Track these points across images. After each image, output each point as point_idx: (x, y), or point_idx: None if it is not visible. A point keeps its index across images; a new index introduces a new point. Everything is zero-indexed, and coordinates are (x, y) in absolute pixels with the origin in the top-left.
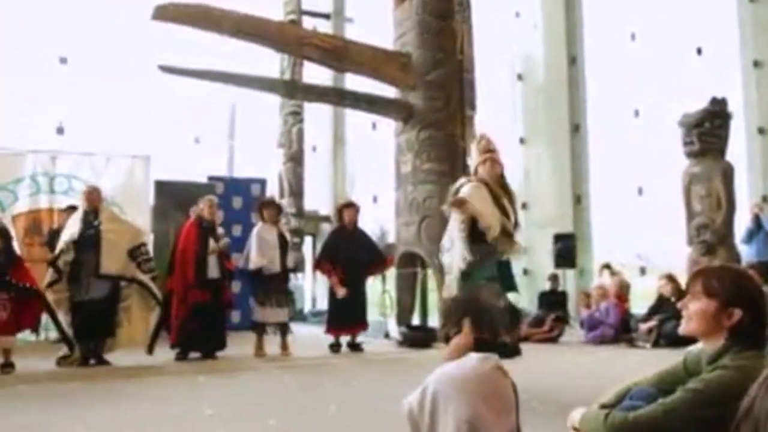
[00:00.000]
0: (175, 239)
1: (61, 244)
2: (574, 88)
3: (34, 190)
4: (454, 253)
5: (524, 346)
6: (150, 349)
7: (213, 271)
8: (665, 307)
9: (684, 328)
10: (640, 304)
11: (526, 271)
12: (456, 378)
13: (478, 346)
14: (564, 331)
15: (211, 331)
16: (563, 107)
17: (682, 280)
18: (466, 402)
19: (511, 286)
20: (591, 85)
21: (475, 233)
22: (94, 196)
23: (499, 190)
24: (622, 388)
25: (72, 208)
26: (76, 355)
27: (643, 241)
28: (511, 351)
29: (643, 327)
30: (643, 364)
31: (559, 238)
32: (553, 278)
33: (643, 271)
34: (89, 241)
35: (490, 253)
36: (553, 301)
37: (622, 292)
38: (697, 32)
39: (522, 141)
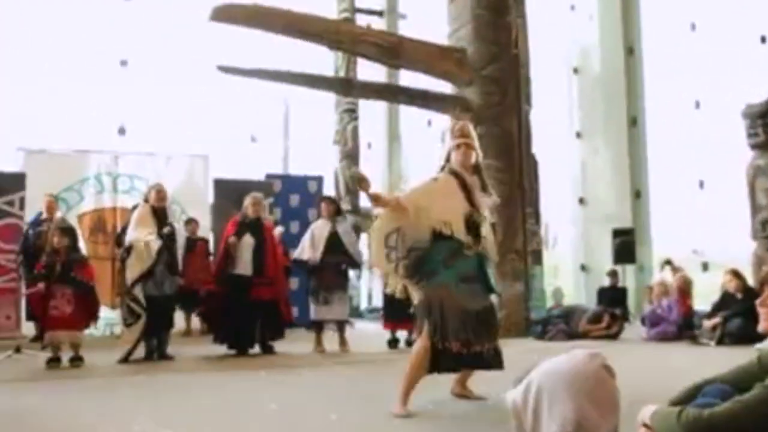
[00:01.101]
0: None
1: (144, 237)
2: (631, 80)
3: (99, 190)
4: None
5: (583, 343)
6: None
7: (245, 267)
8: (730, 304)
9: (766, 327)
10: (702, 300)
11: (583, 267)
12: (562, 375)
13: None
14: (623, 328)
15: (238, 326)
16: (621, 100)
17: (747, 276)
18: (573, 401)
19: (490, 288)
20: (649, 76)
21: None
22: (164, 195)
23: (472, 180)
24: (693, 386)
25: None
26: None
27: (705, 235)
28: (454, 364)
29: (707, 324)
30: (709, 361)
31: (618, 233)
32: (613, 274)
33: (705, 266)
34: (166, 238)
35: (457, 250)
36: (612, 297)
37: (685, 288)
38: (760, 20)
39: (578, 135)
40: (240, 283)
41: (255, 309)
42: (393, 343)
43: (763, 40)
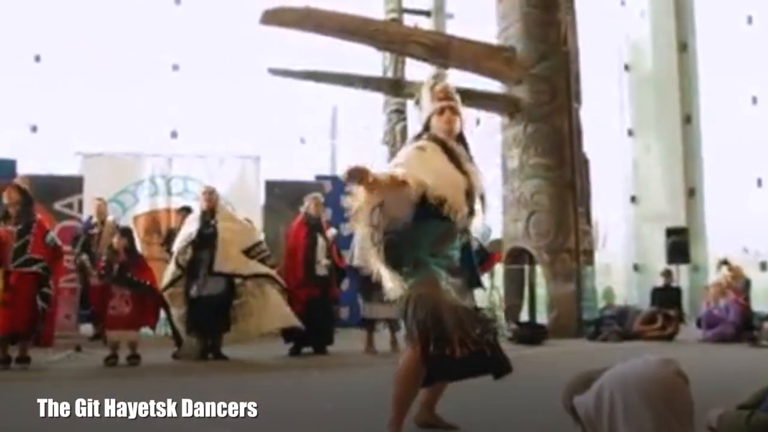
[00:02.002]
0: (286, 239)
1: (178, 244)
2: (684, 76)
3: (153, 192)
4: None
5: (637, 345)
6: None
7: (322, 267)
8: None
9: None
10: (761, 301)
11: (636, 267)
12: (635, 381)
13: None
14: (679, 329)
15: (320, 326)
16: (673, 97)
17: None
18: (650, 409)
19: (476, 280)
20: (704, 72)
21: (427, 207)
22: (211, 197)
23: (459, 149)
24: (762, 389)
25: (186, 210)
26: (184, 350)
27: (764, 234)
28: (456, 371)
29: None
30: None
31: (671, 232)
32: (667, 274)
33: (763, 266)
34: (206, 239)
35: (447, 233)
36: (666, 297)
37: (741, 288)
38: None
39: (630, 133)
40: (322, 283)
41: (331, 307)
42: None
43: None
